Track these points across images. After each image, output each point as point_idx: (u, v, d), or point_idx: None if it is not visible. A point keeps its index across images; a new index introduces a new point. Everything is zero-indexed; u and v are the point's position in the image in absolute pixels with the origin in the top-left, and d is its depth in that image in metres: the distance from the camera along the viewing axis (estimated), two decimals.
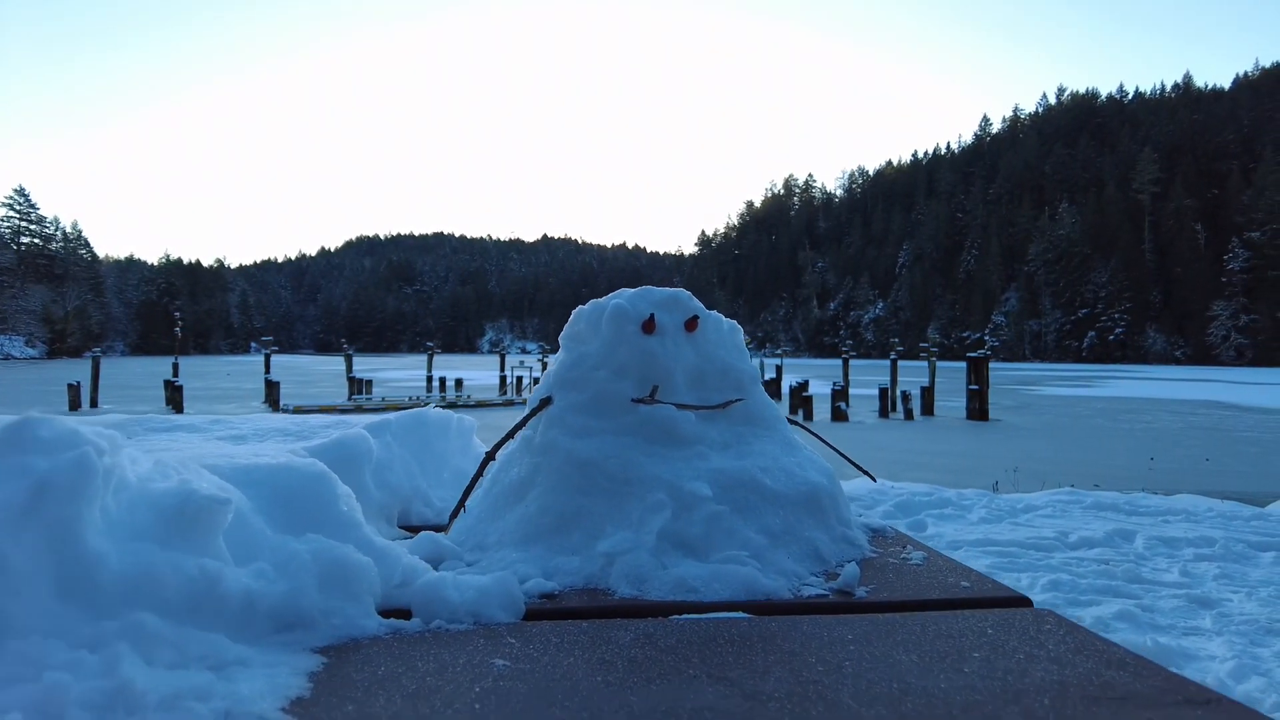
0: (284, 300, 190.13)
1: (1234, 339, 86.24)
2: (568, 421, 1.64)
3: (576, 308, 1.86)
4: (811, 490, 1.64)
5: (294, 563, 1.18)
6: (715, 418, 1.70)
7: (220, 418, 7.04)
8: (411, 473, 1.97)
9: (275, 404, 28.49)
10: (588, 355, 1.71)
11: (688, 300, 1.80)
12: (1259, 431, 22.41)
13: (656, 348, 1.66)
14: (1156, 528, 4.41)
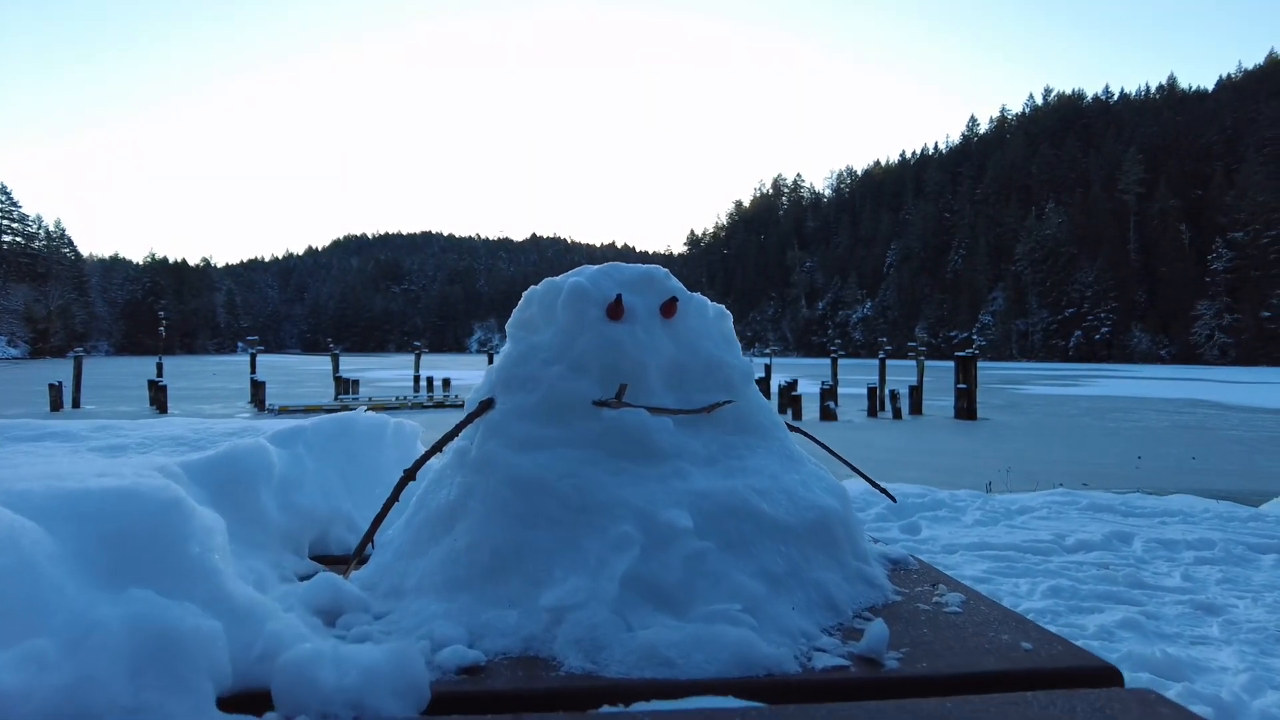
0: (271, 300, 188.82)
1: (1218, 338, 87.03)
2: (511, 430, 1.29)
3: (529, 288, 1.53)
4: (821, 517, 1.29)
5: (93, 637, 0.79)
6: (699, 425, 1.37)
7: (108, 423, 6.58)
8: (331, 491, 1.58)
9: (261, 404, 28.20)
10: (539, 347, 1.39)
11: (664, 279, 1.48)
12: (1243, 430, 22.54)
13: (625, 337, 1.34)
14: (1154, 529, 4.32)
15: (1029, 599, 3.15)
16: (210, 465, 1.37)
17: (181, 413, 26.40)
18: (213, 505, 1.18)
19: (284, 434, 1.60)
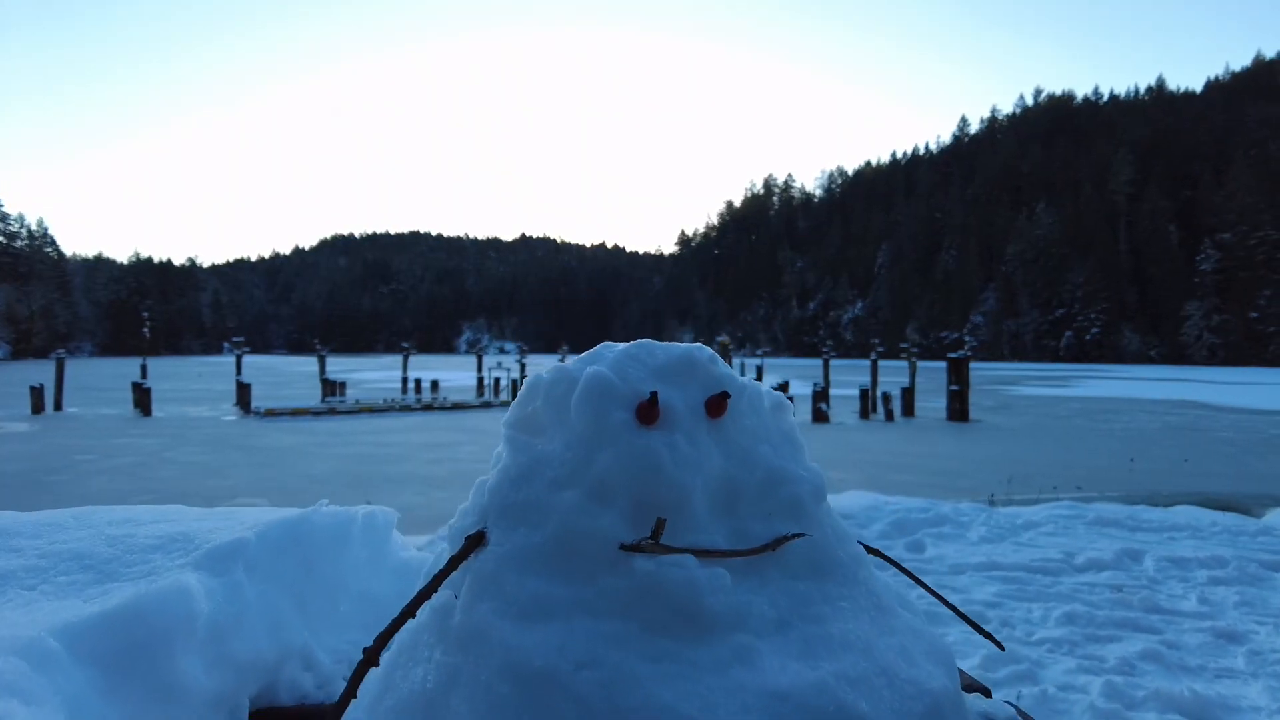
0: (257, 300, 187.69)
1: (1206, 339, 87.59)
2: (509, 587, 0.94)
3: (533, 374, 1.18)
4: (931, 707, 0.96)
5: None
6: (762, 570, 1.03)
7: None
8: (282, 621, 1.24)
9: (246, 406, 27.84)
10: (547, 460, 1.03)
11: (709, 364, 1.11)
12: (1233, 432, 22.57)
13: (663, 451, 0.99)
14: (1163, 545, 4.20)
15: (1043, 626, 3.01)
16: (104, 629, 1.00)
17: (166, 415, 26.06)
18: (105, 686, 0.92)
19: (219, 555, 1.21)
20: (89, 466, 14.83)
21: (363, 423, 24.55)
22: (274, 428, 22.67)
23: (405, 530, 6.12)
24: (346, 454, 17.13)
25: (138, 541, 1.19)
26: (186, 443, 19.02)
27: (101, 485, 12.87)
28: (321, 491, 12.48)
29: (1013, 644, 2.93)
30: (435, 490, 12.71)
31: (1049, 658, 2.82)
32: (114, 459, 15.91)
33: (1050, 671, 2.67)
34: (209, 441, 19.35)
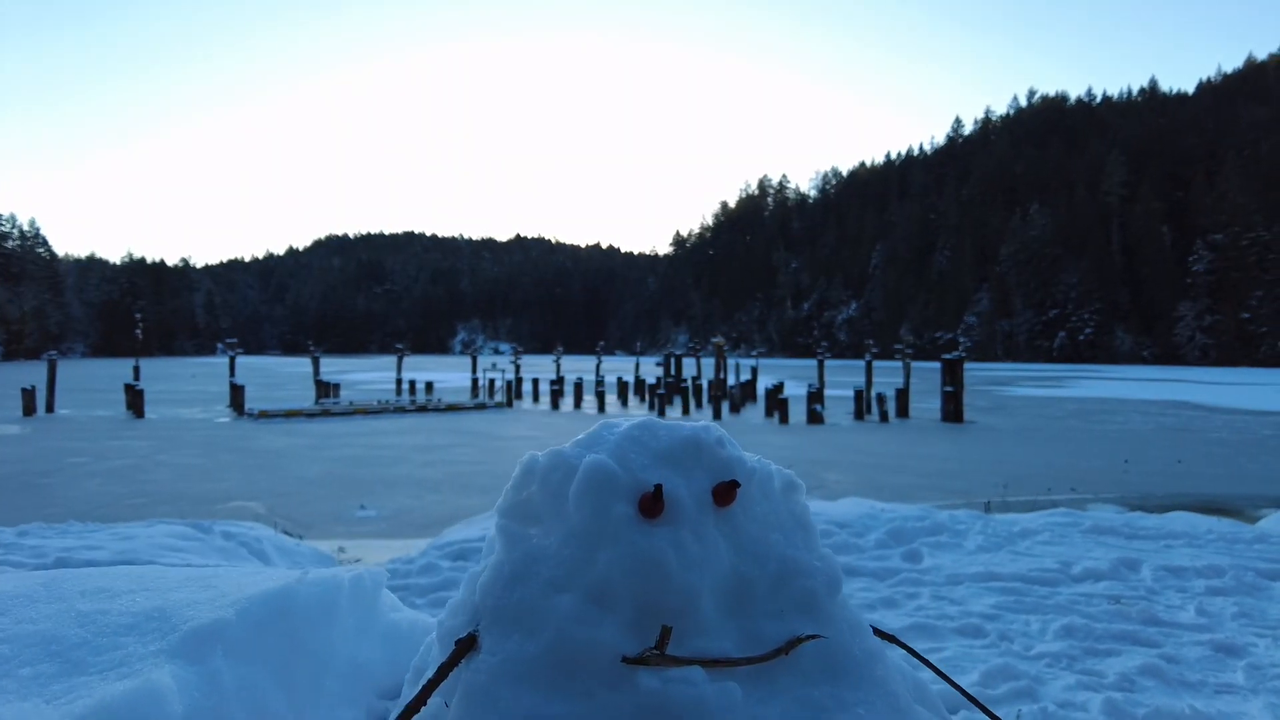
0: (251, 300, 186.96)
1: (1199, 339, 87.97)
2: (503, 703, 0.87)
3: (528, 455, 1.06)
4: None
5: None
6: (774, 676, 0.95)
7: None
8: (266, 707, 1.12)
9: (240, 408, 27.75)
10: (542, 557, 0.95)
11: (715, 447, 1.03)
12: (1226, 432, 22.67)
13: (668, 550, 0.90)
14: (1160, 554, 4.19)
15: (1041, 640, 3.00)
16: None
17: (159, 417, 25.96)
18: None
19: (197, 639, 1.07)
20: (81, 469, 14.76)
21: (356, 424, 24.51)
22: (267, 430, 22.62)
23: (400, 534, 6.12)
24: (340, 456, 17.10)
25: (110, 620, 1.11)
26: (179, 445, 18.97)
27: (94, 488, 12.81)
28: (315, 495, 12.48)
29: (1012, 658, 2.92)
30: (429, 493, 12.67)
31: (1048, 673, 2.81)
32: (106, 461, 15.85)
33: (1050, 688, 2.66)
34: (202, 444, 19.30)
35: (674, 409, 30.41)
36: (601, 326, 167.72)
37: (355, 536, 9.58)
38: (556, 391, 33.01)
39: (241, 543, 6.07)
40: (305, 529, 9.97)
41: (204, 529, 6.01)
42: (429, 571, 4.49)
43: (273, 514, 11.04)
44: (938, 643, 3.12)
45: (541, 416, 28.08)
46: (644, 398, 35.43)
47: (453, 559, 4.67)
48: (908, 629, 3.21)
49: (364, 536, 9.56)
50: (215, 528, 6.18)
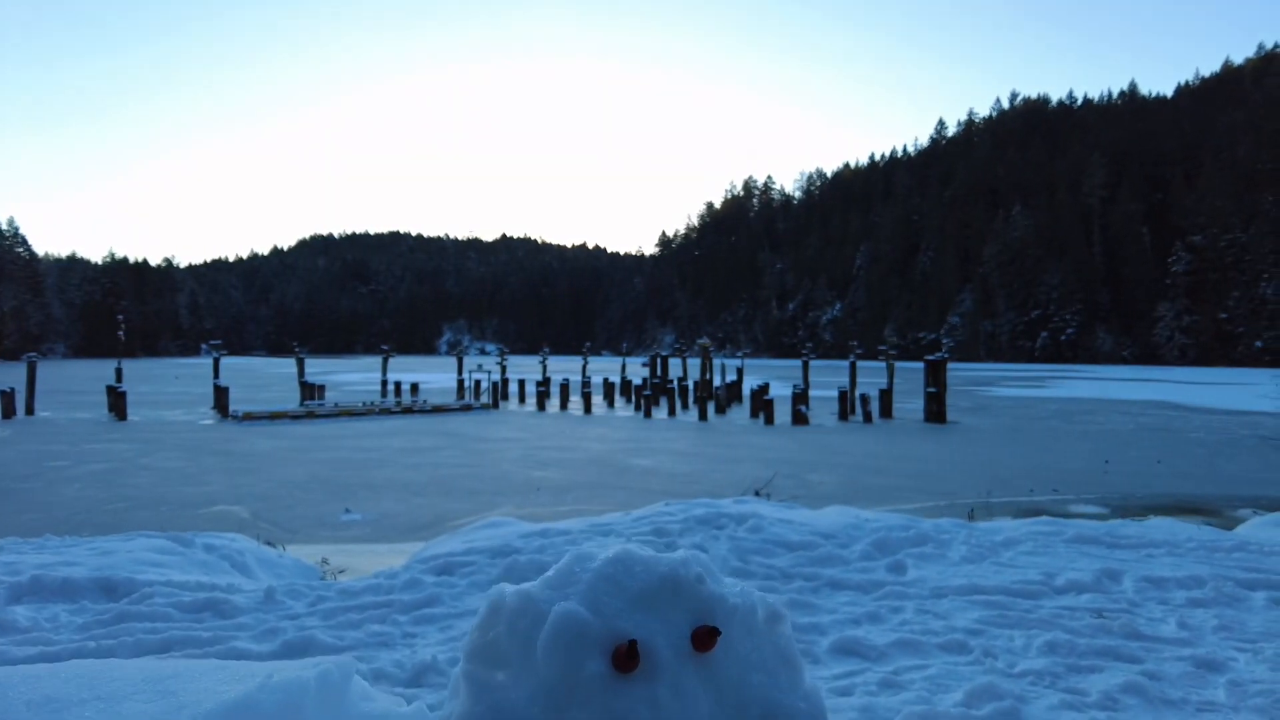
0: (235, 300, 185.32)
1: (1178, 339, 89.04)
2: None
3: (495, 591, 0.95)
4: None
5: None
6: None
7: None
8: None
9: (224, 410, 27.54)
10: (510, 712, 0.86)
11: (695, 585, 0.94)
12: (1204, 433, 22.99)
13: (642, 709, 0.84)
14: (1142, 564, 4.23)
15: (1025, 656, 3.02)
16: None
17: (141, 419, 25.69)
18: None
19: None
20: (61, 473, 14.60)
21: (341, 426, 24.40)
22: (252, 432, 22.49)
23: (385, 539, 6.05)
24: (325, 459, 17.03)
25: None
26: (162, 448, 18.82)
27: (74, 493, 12.67)
28: (300, 499, 12.41)
29: (996, 677, 2.93)
30: (414, 497, 12.63)
31: (1032, 691, 2.82)
32: (87, 465, 15.68)
33: (1033, 708, 2.67)
34: (185, 447, 19.15)
35: (660, 410, 30.43)
36: (588, 327, 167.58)
37: (340, 542, 9.52)
38: (542, 392, 32.98)
39: (223, 555, 6.01)
40: (289, 534, 9.91)
41: (185, 542, 5.94)
42: (413, 587, 4.47)
43: (257, 519, 10.96)
44: (923, 660, 3.14)
45: (528, 418, 28.04)
46: (630, 399, 35.43)
47: (437, 573, 4.65)
48: (893, 645, 3.23)
49: (348, 541, 9.50)
50: (197, 540, 6.11)
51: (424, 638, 3.83)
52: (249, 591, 4.61)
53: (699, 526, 5.06)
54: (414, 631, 3.92)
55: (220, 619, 4.09)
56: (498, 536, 5.22)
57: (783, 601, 3.97)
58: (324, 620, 4.15)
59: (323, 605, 4.41)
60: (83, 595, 4.36)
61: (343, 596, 4.54)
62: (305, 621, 4.13)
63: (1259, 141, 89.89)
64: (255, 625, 3.94)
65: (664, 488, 13.29)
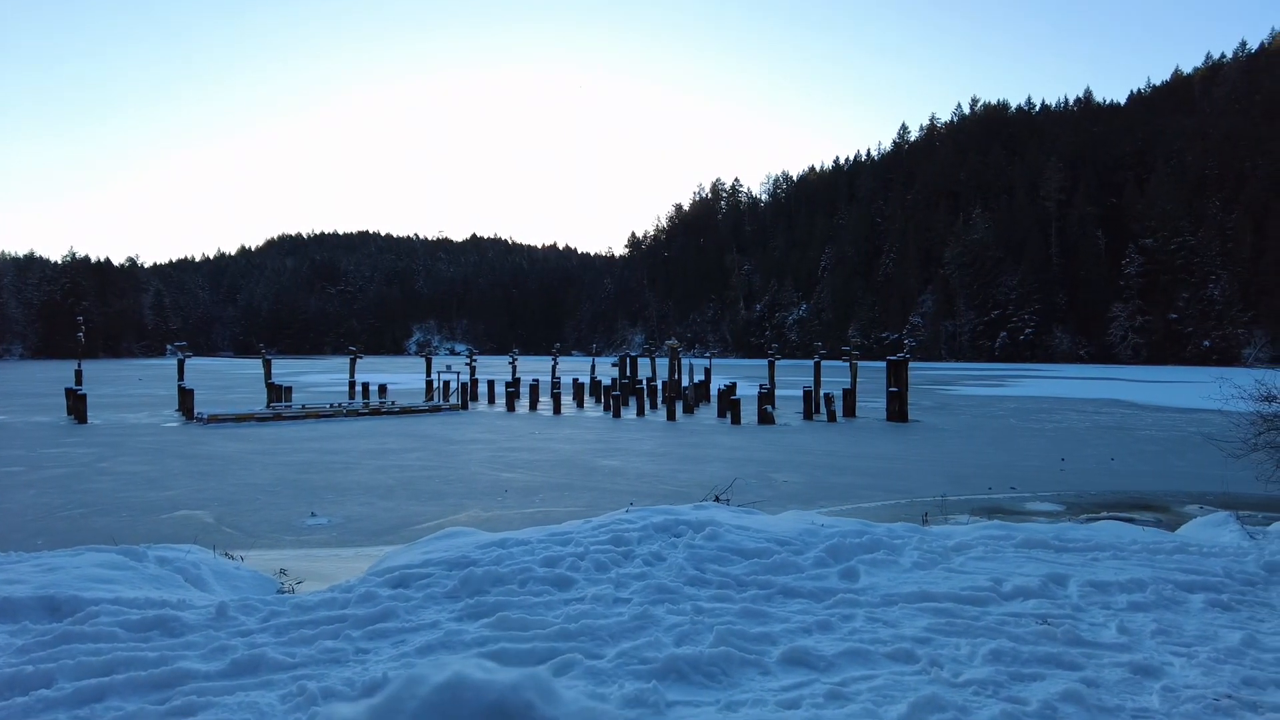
0: (202, 301, 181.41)
1: (1131, 339, 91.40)
2: None
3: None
4: None
5: None
6: None
7: None
8: None
9: (189, 412, 26.93)
10: None
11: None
12: (1155, 430, 23.62)
13: None
14: (1087, 568, 4.34)
15: (970, 665, 3.08)
16: None
17: (103, 422, 25.02)
18: None
19: None
20: (17, 479, 14.21)
21: (308, 428, 24.07)
22: (217, 435, 22.10)
23: (351, 542, 5.98)
24: (291, 462, 16.81)
25: None
26: (124, 452, 18.41)
27: (30, 499, 12.35)
28: (265, 502, 12.23)
29: (940, 687, 2.99)
30: (381, 500, 12.51)
31: (974, 701, 2.88)
32: (44, 470, 15.29)
33: (974, 718, 2.73)
34: (148, 450, 18.75)
35: (629, 410, 30.46)
36: (558, 327, 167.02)
37: (304, 546, 9.39)
38: (512, 393, 32.76)
39: (177, 569, 5.88)
40: (253, 539, 9.75)
41: (137, 556, 5.81)
42: (367, 601, 4.42)
43: (220, 523, 10.78)
44: (870, 670, 3.19)
45: (497, 419, 27.87)
46: (599, 399, 35.37)
47: (392, 586, 4.61)
48: (842, 655, 3.27)
49: (314, 546, 9.38)
50: (149, 553, 5.98)
51: (377, 654, 3.79)
52: (201, 607, 4.53)
53: (657, 534, 5.08)
54: (367, 647, 3.88)
55: (169, 637, 4.00)
56: (455, 548, 5.18)
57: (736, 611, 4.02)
58: (276, 636, 4.09)
59: (276, 620, 4.35)
60: (24, 615, 4.24)
61: (297, 611, 4.48)
62: (257, 638, 4.07)
63: (1206, 148, 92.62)
64: (205, 644, 3.87)
65: (631, 489, 13.31)
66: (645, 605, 3.98)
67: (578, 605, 4.08)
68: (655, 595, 4.14)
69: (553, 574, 4.53)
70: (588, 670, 3.24)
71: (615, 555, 4.85)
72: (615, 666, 3.25)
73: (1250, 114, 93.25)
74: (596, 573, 4.58)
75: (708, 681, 3.09)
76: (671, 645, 3.45)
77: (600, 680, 3.15)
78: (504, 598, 4.23)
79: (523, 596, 4.24)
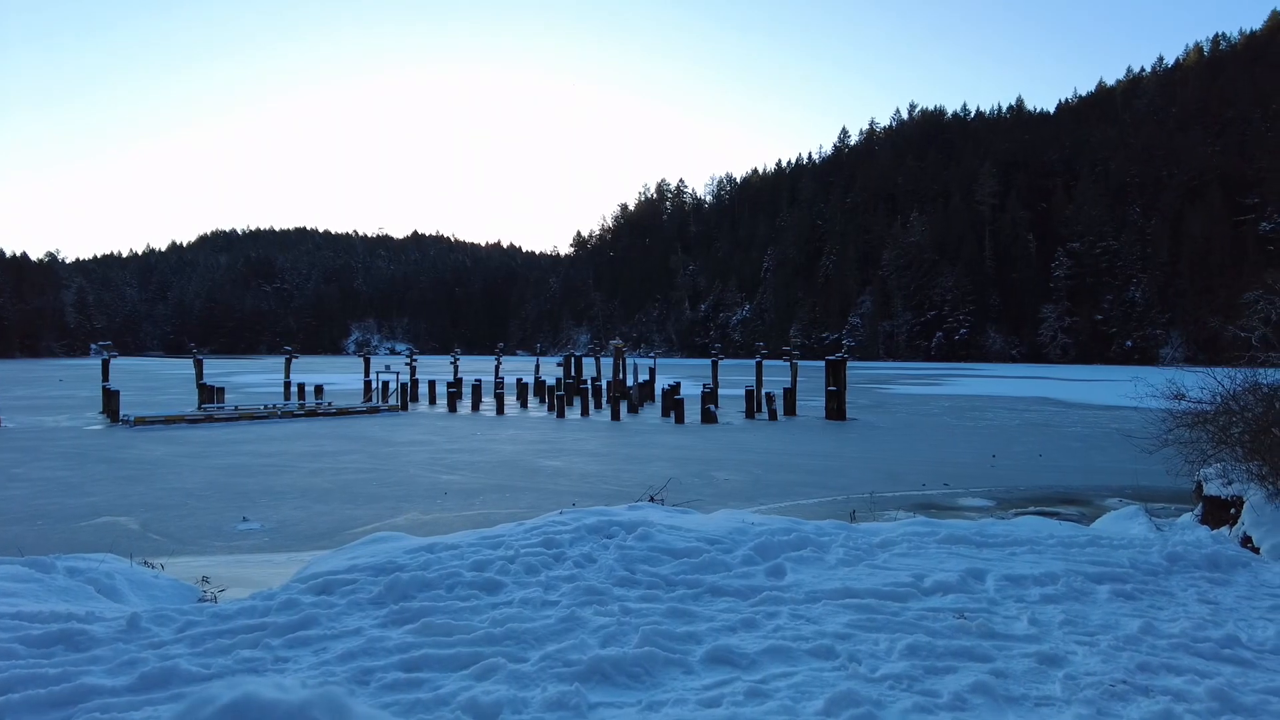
0: (129, 298, 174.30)
1: (1060, 339, 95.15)
2: None
3: None
4: None
5: None
6: None
7: None
8: None
9: (114, 415, 25.80)
10: None
11: None
12: (1081, 427, 24.62)
13: None
14: (1005, 562, 4.50)
15: (887, 660, 3.16)
16: None
17: (17, 425, 23.78)
18: None
19: None
20: None
21: (241, 431, 23.36)
22: (144, 437, 21.28)
23: (284, 548, 5.81)
24: (223, 465, 16.31)
25: None
26: (41, 456, 17.58)
27: None
28: (195, 507, 11.82)
29: (857, 682, 3.06)
30: (316, 504, 12.22)
31: (889, 696, 2.96)
32: None
33: (888, 712, 2.80)
34: (69, 455, 17.94)
35: (574, 410, 30.37)
36: (503, 327, 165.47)
37: (235, 552, 9.11)
38: (454, 394, 32.33)
39: (89, 579, 5.62)
40: (182, 545, 9.41)
41: (44, 567, 5.53)
42: (289, 609, 4.30)
43: (146, 530, 10.38)
44: (791, 666, 3.24)
45: (438, 419, 27.48)
46: (544, 399, 35.20)
47: (316, 593, 4.49)
48: (764, 653, 3.32)
49: (244, 552, 9.11)
50: (58, 564, 5.70)
51: (296, 662, 3.69)
52: (111, 620, 4.34)
53: (590, 536, 5.07)
54: (286, 656, 3.77)
55: (74, 652, 3.83)
56: (383, 553, 5.09)
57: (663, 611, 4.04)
58: (191, 648, 3.95)
59: (192, 631, 4.19)
60: None
61: (215, 620, 4.33)
62: (170, 650, 3.92)
63: (1128, 157, 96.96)
64: (112, 658, 3.71)
65: (574, 489, 13.27)
66: (573, 607, 3.97)
67: (505, 609, 4.04)
68: (584, 597, 4.13)
69: (481, 578, 4.48)
70: (511, 674, 3.22)
71: (546, 558, 4.82)
72: (539, 670, 3.24)
73: (1166, 125, 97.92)
74: (526, 576, 4.55)
75: (631, 682, 3.10)
76: (597, 647, 3.45)
77: (523, 684, 3.13)
78: (430, 603, 4.17)
79: (449, 601, 4.19)
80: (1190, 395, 8.98)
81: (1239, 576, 4.60)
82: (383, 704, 3.04)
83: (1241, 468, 7.54)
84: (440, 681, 3.22)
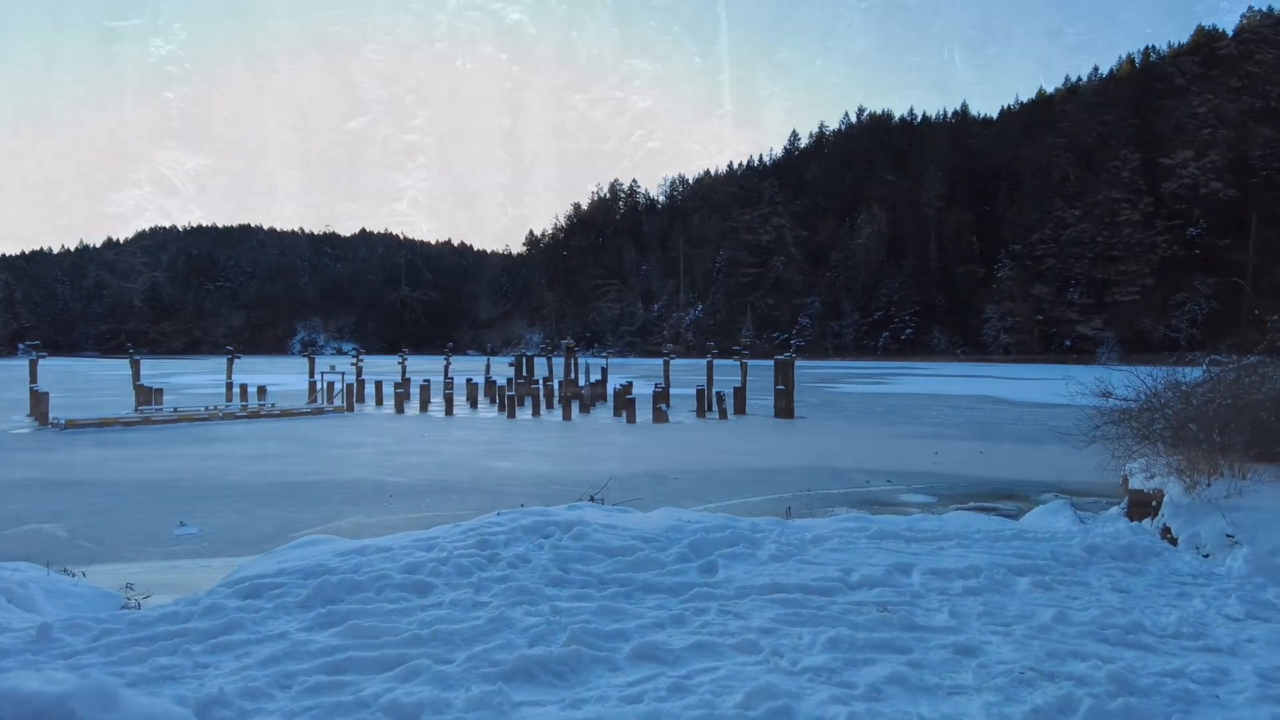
0: (61, 296, 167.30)
1: (1002, 338, 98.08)
2: None
3: None
4: None
5: None
6: None
7: None
8: None
9: (43, 417, 24.69)
10: None
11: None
12: (1020, 425, 25.35)
13: None
14: (932, 557, 4.61)
15: (809, 653, 3.21)
16: None
17: None
18: None
19: None
20: None
21: (181, 433, 22.61)
22: (77, 441, 20.42)
23: (224, 552, 5.67)
24: (161, 468, 15.76)
25: None
26: None
27: None
28: (129, 513, 11.39)
29: (777, 675, 3.10)
30: (257, 508, 11.90)
31: (808, 688, 3.01)
32: None
33: (805, 704, 2.85)
34: None
35: (524, 410, 30.14)
36: (453, 326, 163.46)
37: (171, 558, 8.82)
38: (401, 394, 31.77)
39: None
40: (114, 552, 9.06)
41: None
42: (212, 613, 4.19)
43: (75, 538, 9.97)
44: (715, 661, 3.28)
45: (384, 420, 26.99)
46: (494, 399, 34.82)
47: (242, 597, 4.38)
48: (690, 648, 3.35)
49: (180, 558, 8.81)
50: None
51: (217, 668, 3.60)
52: (19, 630, 4.17)
53: (525, 536, 5.04)
54: (207, 662, 3.67)
55: None
56: (312, 555, 4.98)
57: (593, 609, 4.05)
58: (105, 657, 3.82)
59: (108, 639, 4.05)
60: None
61: (133, 628, 4.19)
62: (83, 659, 3.78)
63: (1067, 162, 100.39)
64: (18, 670, 3.56)
65: (523, 490, 13.16)
66: (503, 608, 3.95)
67: (434, 611, 4.00)
68: (515, 597, 4.11)
69: (411, 580, 4.42)
70: (435, 675, 3.19)
71: (480, 559, 4.78)
72: (464, 670, 3.21)
73: (1099, 132, 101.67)
74: (458, 577, 4.50)
75: (556, 681, 3.10)
76: (524, 646, 3.44)
77: (447, 685, 3.11)
78: (358, 605, 4.10)
79: (378, 604, 4.13)
80: (1117, 393, 9.32)
81: (1152, 566, 4.80)
82: (304, 707, 2.98)
83: (1163, 462, 7.86)
84: (363, 684, 3.18)
